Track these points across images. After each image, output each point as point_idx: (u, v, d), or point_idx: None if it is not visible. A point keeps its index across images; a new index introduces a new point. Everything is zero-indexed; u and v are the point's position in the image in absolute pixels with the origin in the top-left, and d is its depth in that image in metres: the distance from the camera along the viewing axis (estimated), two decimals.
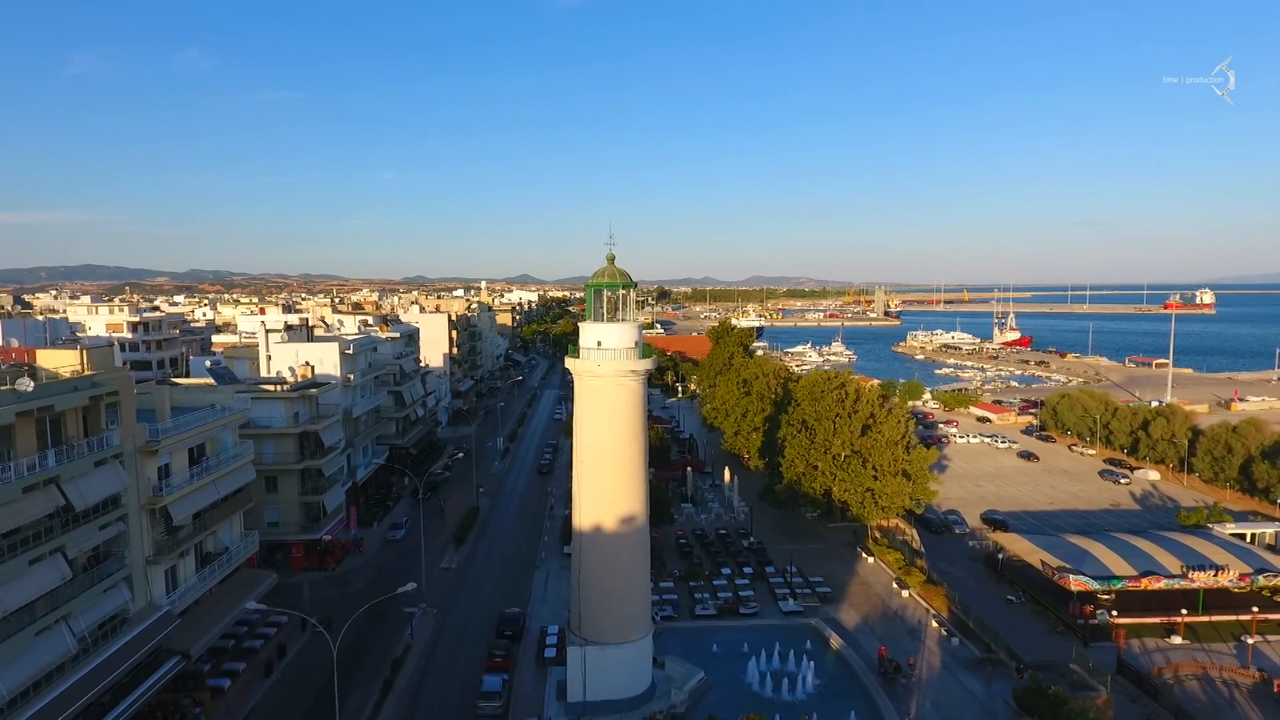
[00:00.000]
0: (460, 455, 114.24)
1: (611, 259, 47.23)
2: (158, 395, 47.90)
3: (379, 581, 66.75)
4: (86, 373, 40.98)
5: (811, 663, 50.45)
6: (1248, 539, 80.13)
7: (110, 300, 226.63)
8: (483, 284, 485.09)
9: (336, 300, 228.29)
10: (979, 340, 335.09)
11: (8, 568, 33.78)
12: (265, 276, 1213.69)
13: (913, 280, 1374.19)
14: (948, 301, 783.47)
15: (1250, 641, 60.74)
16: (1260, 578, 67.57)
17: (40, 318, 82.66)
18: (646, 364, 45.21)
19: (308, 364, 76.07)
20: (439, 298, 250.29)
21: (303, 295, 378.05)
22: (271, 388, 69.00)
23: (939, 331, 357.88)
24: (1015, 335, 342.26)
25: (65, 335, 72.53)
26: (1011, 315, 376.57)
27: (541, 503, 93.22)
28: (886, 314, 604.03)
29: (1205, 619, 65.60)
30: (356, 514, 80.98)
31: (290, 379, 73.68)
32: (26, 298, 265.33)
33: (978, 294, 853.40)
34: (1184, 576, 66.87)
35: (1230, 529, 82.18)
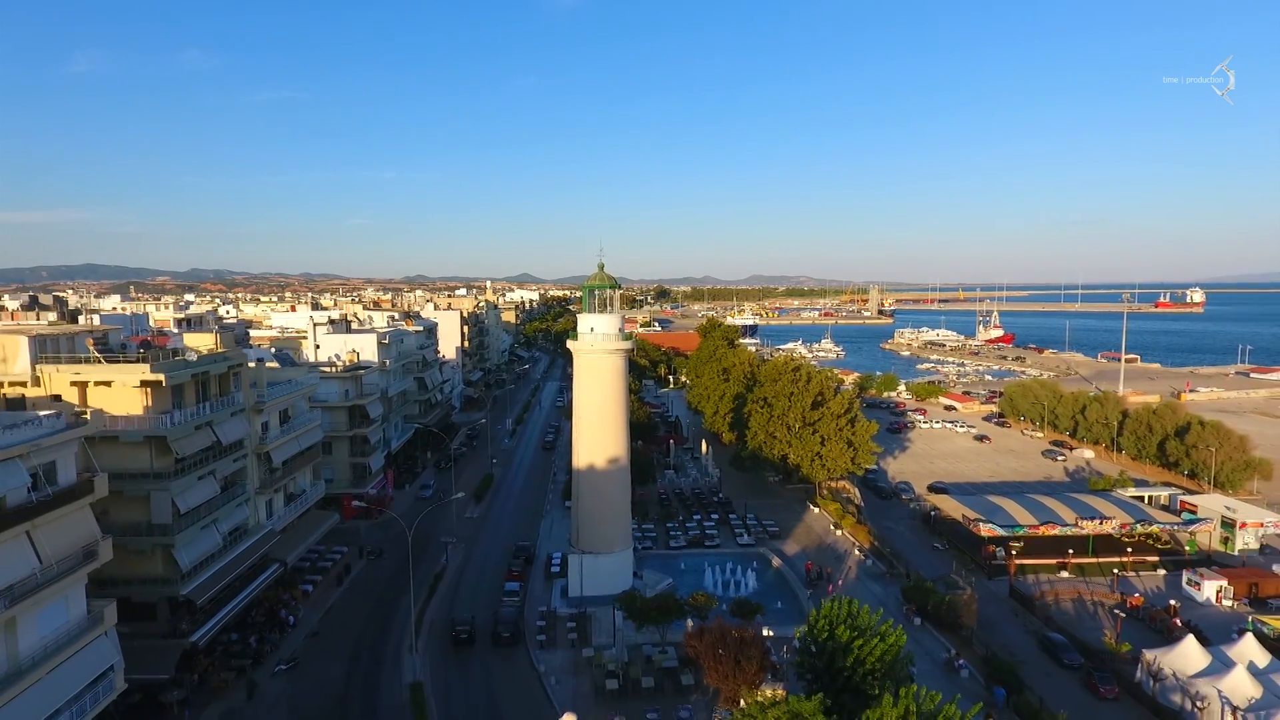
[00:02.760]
0: (484, 421, 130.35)
1: (601, 266, 63.07)
2: (259, 371, 63.47)
3: (420, 525, 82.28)
4: (220, 350, 56.48)
5: (754, 574, 66.18)
6: (1145, 500, 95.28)
7: (139, 298, 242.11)
8: (488, 283, 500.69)
9: (345, 299, 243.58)
10: (963, 337, 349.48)
11: (186, 481, 49.51)
12: (266, 275, 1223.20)
13: (913, 280, 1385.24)
14: (942, 300, 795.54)
15: (1116, 573, 76.16)
16: (1138, 526, 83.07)
17: (128, 313, 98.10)
18: (626, 344, 61.01)
19: (354, 351, 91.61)
20: (450, 296, 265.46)
21: (309, 294, 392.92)
22: (327, 369, 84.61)
23: (924, 329, 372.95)
24: (999, 332, 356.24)
25: (147, 328, 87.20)
26: (995, 314, 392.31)
27: (546, 471, 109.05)
28: (880, 312, 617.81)
29: (1093, 560, 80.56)
30: (392, 476, 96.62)
31: (338, 364, 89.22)
32: (60, 295, 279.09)
33: (973, 293, 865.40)
34: (1075, 525, 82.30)
35: (1130, 492, 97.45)
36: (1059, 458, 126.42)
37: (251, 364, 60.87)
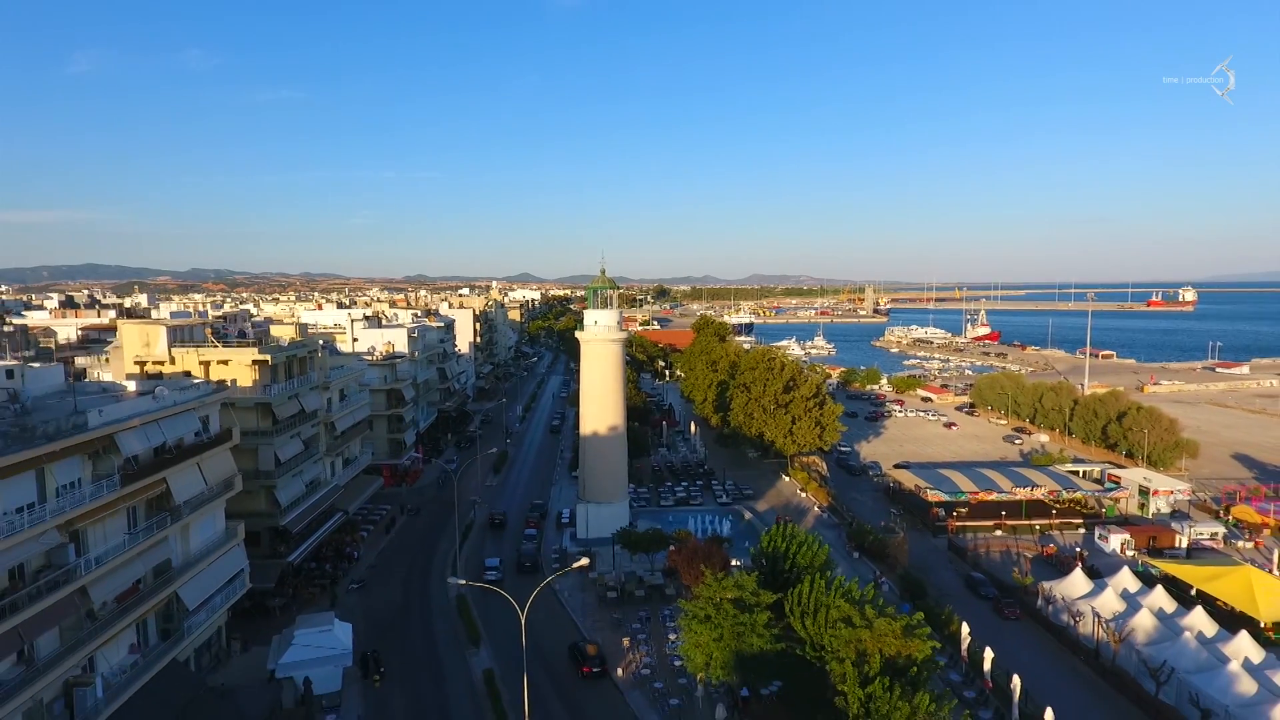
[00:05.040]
0: (504, 400, 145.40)
1: (603, 271, 77.76)
2: (324, 356, 77.86)
3: (444, 493, 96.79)
4: (298, 339, 70.86)
5: (729, 523, 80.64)
6: (1080, 474, 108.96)
7: (166, 299, 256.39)
8: (494, 283, 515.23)
9: (370, 298, 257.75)
10: (950, 335, 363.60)
11: (283, 439, 64.07)
12: (267, 275, 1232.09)
13: (913, 279, 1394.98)
14: (939, 300, 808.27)
15: (1038, 530, 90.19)
16: (1064, 493, 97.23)
17: (185, 309, 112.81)
18: (623, 335, 75.86)
19: (389, 342, 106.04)
20: (460, 296, 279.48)
21: (314, 293, 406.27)
22: (368, 358, 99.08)
23: (914, 327, 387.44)
24: (985, 330, 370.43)
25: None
26: (982, 312, 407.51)
27: (554, 450, 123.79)
28: (876, 311, 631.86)
29: (1025, 522, 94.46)
30: (422, 451, 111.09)
31: (377, 354, 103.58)
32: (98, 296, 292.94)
33: (969, 292, 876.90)
34: (1009, 492, 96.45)
35: (1067, 467, 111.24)
36: (1017, 441, 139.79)
37: (318, 352, 75.25)
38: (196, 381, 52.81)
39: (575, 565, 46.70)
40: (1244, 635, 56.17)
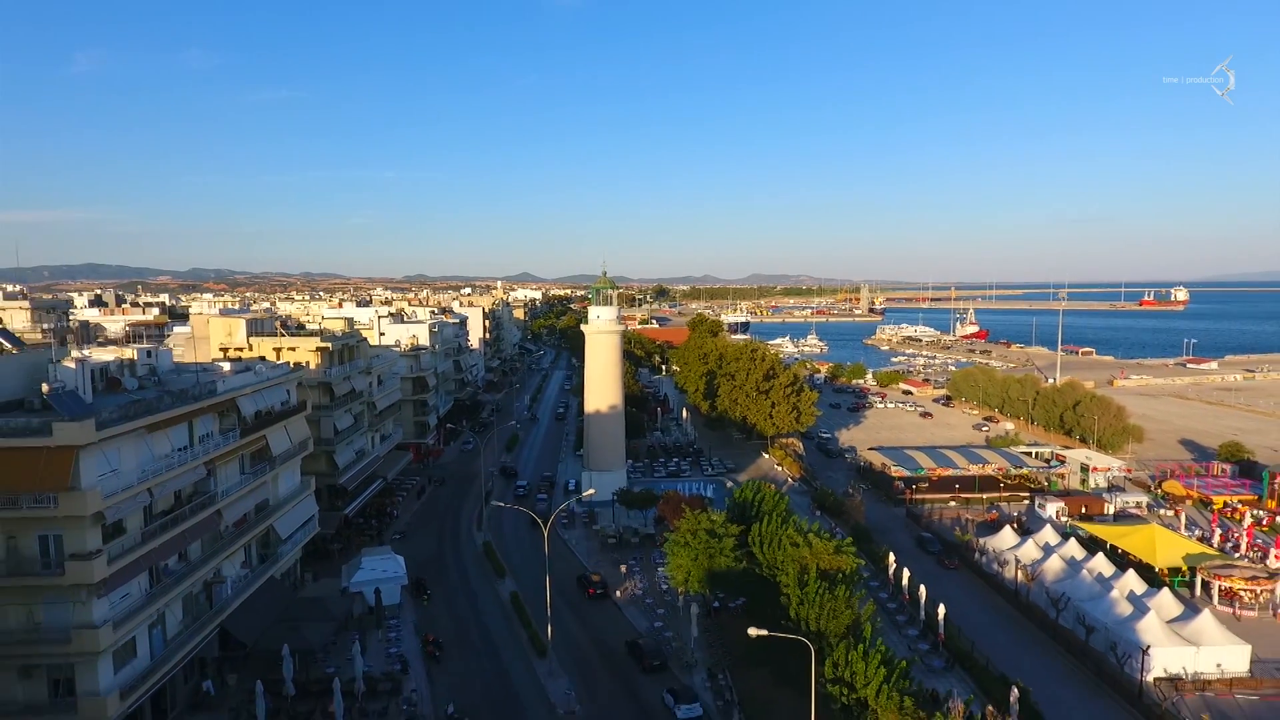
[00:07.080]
0: (517, 387, 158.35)
1: (604, 273, 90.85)
2: (366, 346, 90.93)
3: (465, 468, 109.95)
4: (347, 331, 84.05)
5: (713, 490, 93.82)
6: (1033, 454, 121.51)
7: (195, 299, 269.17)
8: (498, 283, 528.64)
9: (400, 297, 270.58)
10: (939, 333, 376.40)
11: (339, 413, 77.27)
12: (267, 275, 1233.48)
13: (912, 279, 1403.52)
14: (935, 299, 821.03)
15: (986, 500, 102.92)
16: (1013, 470, 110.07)
17: (236, 306, 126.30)
18: (620, 327, 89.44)
19: (414, 336, 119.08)
20: (465, 294, 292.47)
21: (317, 292, 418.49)
22: (396, 349, 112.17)
23: (904, 325, 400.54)
24: (974, 329, 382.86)
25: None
26: (971, 311, 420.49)
27: (560, 433, 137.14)
28: (871, 310, 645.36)
29: (976, 495, 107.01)
30: (442, 433, 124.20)
31: (402, 346, 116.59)
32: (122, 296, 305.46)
33: (965, 291, 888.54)
34: (963, 469, 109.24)
35: (1021, 449, 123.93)
36: (984, 429, 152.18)
37: (364, 342, 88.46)
38: (278, 364, 65.85)
39: (586, 494, 59.88)
40: (1131, 573, 69.05)
